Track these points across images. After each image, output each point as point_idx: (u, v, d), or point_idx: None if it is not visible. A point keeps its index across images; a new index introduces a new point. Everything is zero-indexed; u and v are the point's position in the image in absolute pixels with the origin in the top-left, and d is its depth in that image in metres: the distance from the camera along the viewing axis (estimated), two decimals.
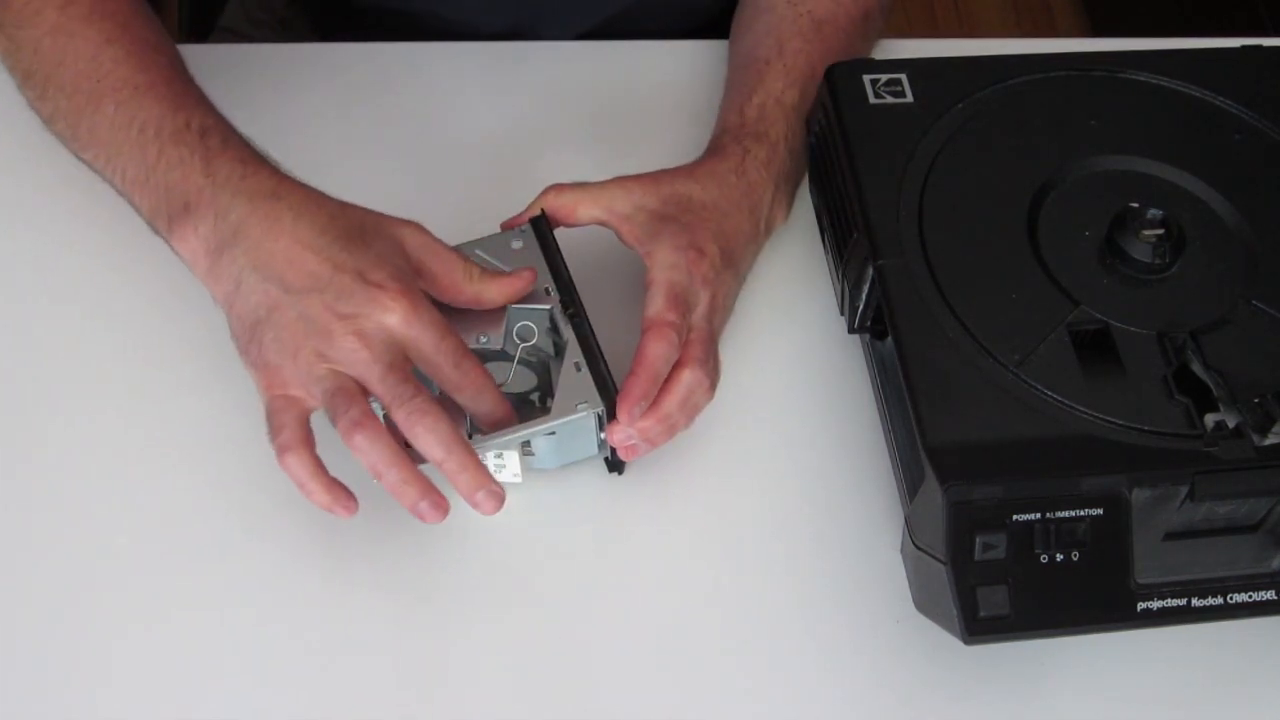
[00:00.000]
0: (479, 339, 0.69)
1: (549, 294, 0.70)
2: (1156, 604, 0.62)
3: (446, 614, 0.68)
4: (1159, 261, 0.68)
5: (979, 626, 0.61)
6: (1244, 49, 0.79)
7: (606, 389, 0.67)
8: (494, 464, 0.69)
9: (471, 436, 0.67)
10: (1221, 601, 0.63)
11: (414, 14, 0.94)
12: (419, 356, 0.65)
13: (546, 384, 0.70)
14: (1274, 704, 0.68)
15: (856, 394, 0.75)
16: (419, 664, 0.67)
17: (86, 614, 0.67)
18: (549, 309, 0.70)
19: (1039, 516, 0.61)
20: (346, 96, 0.86)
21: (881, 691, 0.67)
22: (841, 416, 0.75)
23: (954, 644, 0.62)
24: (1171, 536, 0.63)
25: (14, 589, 0.68)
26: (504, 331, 0.69)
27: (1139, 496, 0.62)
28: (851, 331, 0.75)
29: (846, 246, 0.73)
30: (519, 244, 0.71)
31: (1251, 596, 0.63)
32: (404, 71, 0.88)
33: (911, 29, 2.10)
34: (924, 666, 0.67)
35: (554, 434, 0.68)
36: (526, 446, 0.69)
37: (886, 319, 0.67)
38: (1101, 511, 0.62)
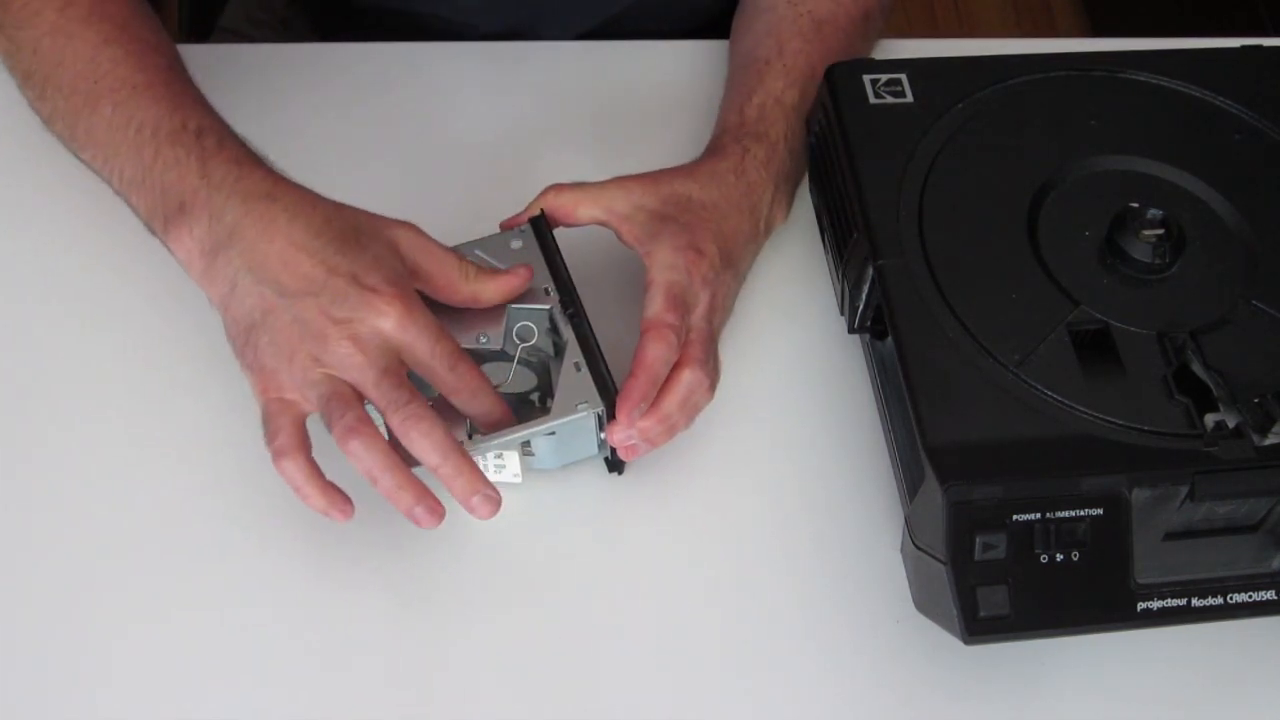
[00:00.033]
0: (478, 339, 0.69)
1: (548, 294, 0.70)
2: (1156, 604, 0.62)
3: (446, 614, 0.68)
4: (1159, 261, 0.68)
5: (979, 626, 0.61)
6: (1244, 49, 0.79)
7: (606, 389, 0.67)
8: (494, 464, 0.69)
9: (471, 437, 0.67)
10: (1221, 601, 0.63)
11: (414, 14, 0.93)
12: (414, 360, 0.65)
13: (546, 384, 0.70)
14: (1274, 704, 0.68)
15: (856, 394, 0.75)
16: (418, 664, 0.67)
17: (84, 614, 0.67)
18: (548, 309, 0.70)
19: (1039, 516, 0.61)
20: (346, 96, 0.86)
21: (881, 691, 0.67)
22: (841, 416, 0.75)
23: (954, 644, 0.62)
24: (1171, 536, 0.63)
25: (13, 589, 0.68)
26: (503, 331, 0.69)
27: (1139, 496, 0.62)
28: (851, 331, 0.75)
29: (846, 246, 0.73)
30: (518, 244, 0.71)
31: (1251, 596, 0.63)
32: (404, 71, 0.88)
33: (911, 29, 2.10)
34: (924, 666, 0.67)
35: (554, 434, 0.68)
36: (526, 447, 0.69)
37: (886, 319, 0.67)
38: (1101, 511, 0.61)
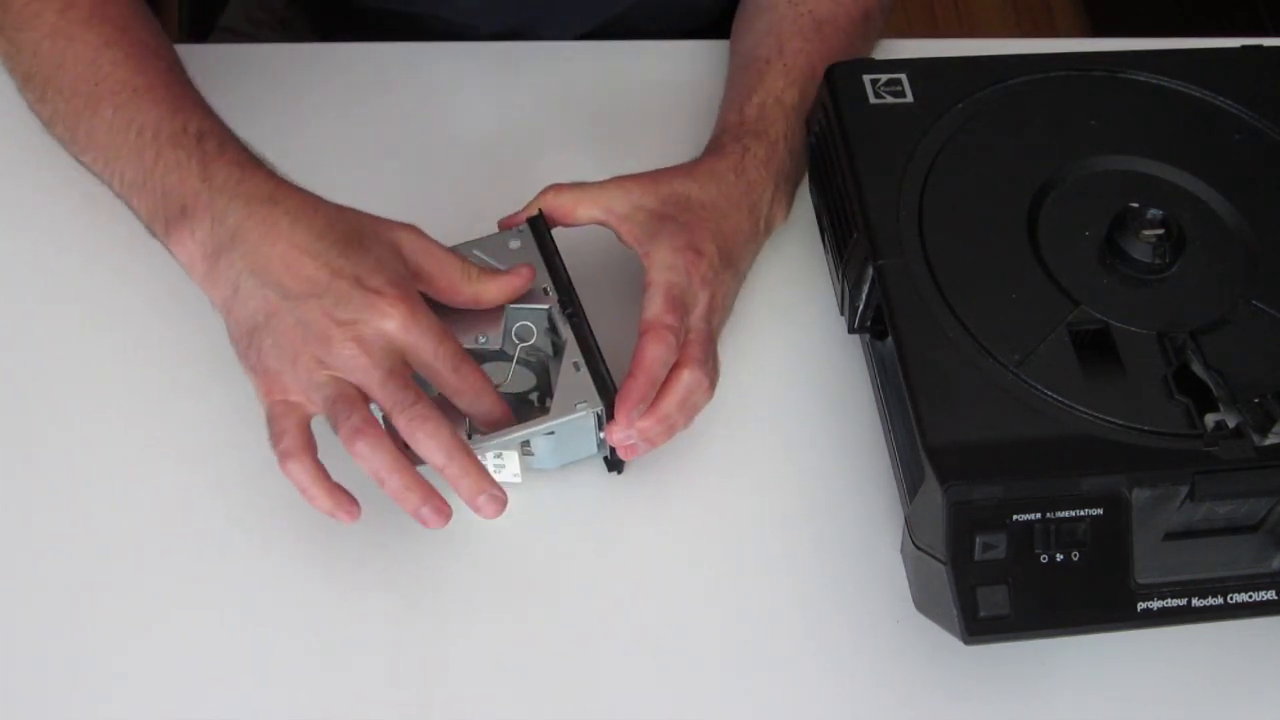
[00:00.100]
0: (478, 339, 0.69)
1: (547, 294, 0.70)
2: (1156, 604, 0.62)
3: (446, 614, 0.68)
4: (1159, 261, 0.68)
5: (979, 626, 0.61)
6: (1244, 49, 0.79)
7: (605, 388, 0.67)
8: (493, 464, 0.69)
9: (471, 437, 0.67)
10: (1221, 601, 0.63)
11: (414, 14, 0.93)
12: (417, 361, 0.65)
13: (545, 384, 0.70)
14: (1274, 704, 0.68)
15: (856, 394, 0.75)
16: (419, 664, 0.67)
17: (86, 615, 0.67)
18: (547, 309, 0.70)
19: (1039, 516, 0.61)
20: (346, 96, 0.86)
21: (881, 691, 0.67)
22: (841, 416, 0.75)
23: (954, 644, 0.62)
24: (1171, 536, 0.63)
25: (14, 590, 0.68)
26: (503, 331, 0.69)
27: (1139, 496, 0.62)
28: (851, 331, 0.75)
29: (846, 246, 0.73)
30: (517, 244, 0.71)
31: (1251, 596, 0.63)
32: (404, 71, 0.88)
33: (911, 29, 2.10)
34: (924, 666, 0.67)
35: (553, 434, 0.68)
36: (526, 446, 0.69)
37: (886, 319, 0.67)
38: (1101, 511, 0.61)
